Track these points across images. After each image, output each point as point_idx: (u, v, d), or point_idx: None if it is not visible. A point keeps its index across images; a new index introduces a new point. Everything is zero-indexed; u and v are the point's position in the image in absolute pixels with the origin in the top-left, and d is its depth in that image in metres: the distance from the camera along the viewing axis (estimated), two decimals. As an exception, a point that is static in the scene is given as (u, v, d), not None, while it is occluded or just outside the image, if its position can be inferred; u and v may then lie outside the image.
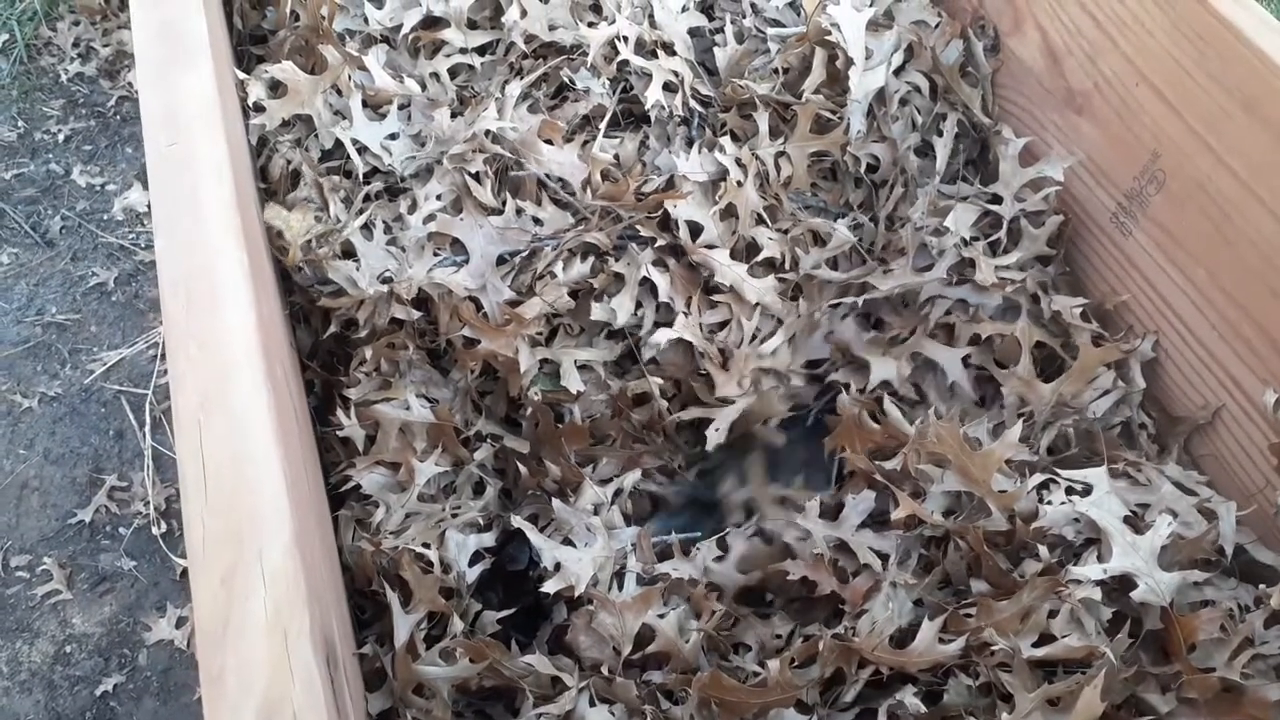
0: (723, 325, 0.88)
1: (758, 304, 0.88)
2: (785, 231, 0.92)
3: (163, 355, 1.67)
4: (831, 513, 0.82)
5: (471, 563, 0.80)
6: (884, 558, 0.78)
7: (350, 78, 0.95)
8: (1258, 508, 0.80)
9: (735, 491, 0.90)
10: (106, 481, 1.53)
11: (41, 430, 1.59)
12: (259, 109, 0.94)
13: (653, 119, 0.97)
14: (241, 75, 0.94)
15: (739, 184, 0.91)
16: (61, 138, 1.96)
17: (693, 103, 0.98)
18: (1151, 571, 0.71)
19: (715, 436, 0.86)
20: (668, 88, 0.97)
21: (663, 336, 0.86)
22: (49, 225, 1.84)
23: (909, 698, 0.71)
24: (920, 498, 0.79)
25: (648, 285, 0.88)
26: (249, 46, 1.08)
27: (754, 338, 0.88)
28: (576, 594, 0.76)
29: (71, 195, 1.88)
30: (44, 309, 1.73)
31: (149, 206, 1.86)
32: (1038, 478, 0.78)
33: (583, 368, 0.87)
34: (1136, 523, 0.75)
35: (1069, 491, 0.76)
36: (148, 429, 1.59)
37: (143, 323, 1.73)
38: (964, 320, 0.90)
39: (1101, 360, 0.88)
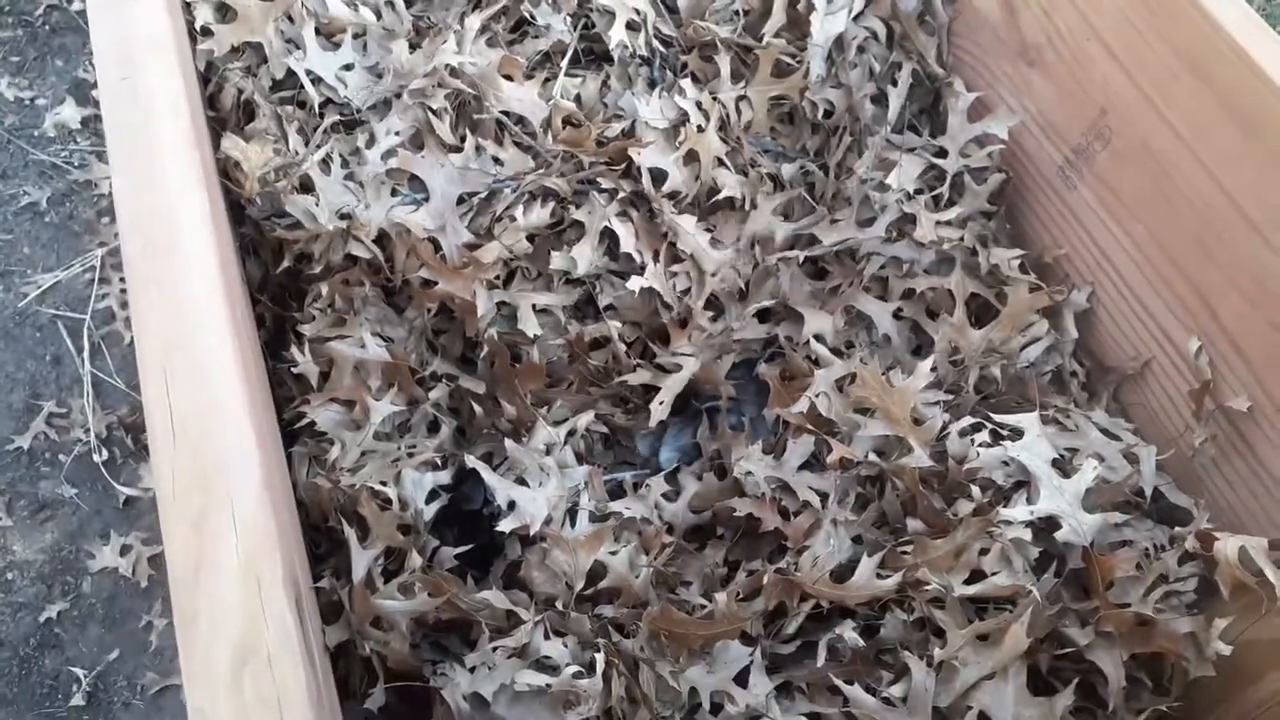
0: (685, 292, 0.89)
1: (715, 273, 0.89)
2: (745, 174, 0.93)
3: (100, 280, 1.63)
4: (775, 453, 0.85)
5: (428, 500, 0.81)
6: (823, 496, 0.81)
7: (303, 4, 0.92)
8: (1176, 452, 0.85)
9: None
10: (44, 408, 1.50)
11: (-26, 354, 1.55)
12: (206, 34, 0.91)
13: (615, 59, 0.96)
14: (188, -3, 0.90)
15: (700, 130, 0.91)
16: (-14, 47, 1.87)
17: (655, 43, 0.98)
18: (1075, 513, 0.76)
19: (659, 411, 0.88)
20: (630, 26, 0.96)
21: (636, 284, 0.87)
22: (-25, 140, 1.76)
23: (848, 631, 0.75)
24: (847, 441, 0.82)
25: (608, 232, 0.88)
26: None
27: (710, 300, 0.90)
28: (531, 533, 0.79)
29: (-1, 109, 1.81)
30: (-28, 228, 1.67)
31: (82, 123, 1.79)
32: (967, 420, 0.81)
33: (541, 311, 0.88)
34: (1064, 466, 0.79)
35: (999, 436, 0.80)
36: (86, 354, 1.56)
37: (78, 245, 1.68)
38: (898, 276, 0.93)
39: (1031, 306, 0.91)
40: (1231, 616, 0.70)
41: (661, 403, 0.87)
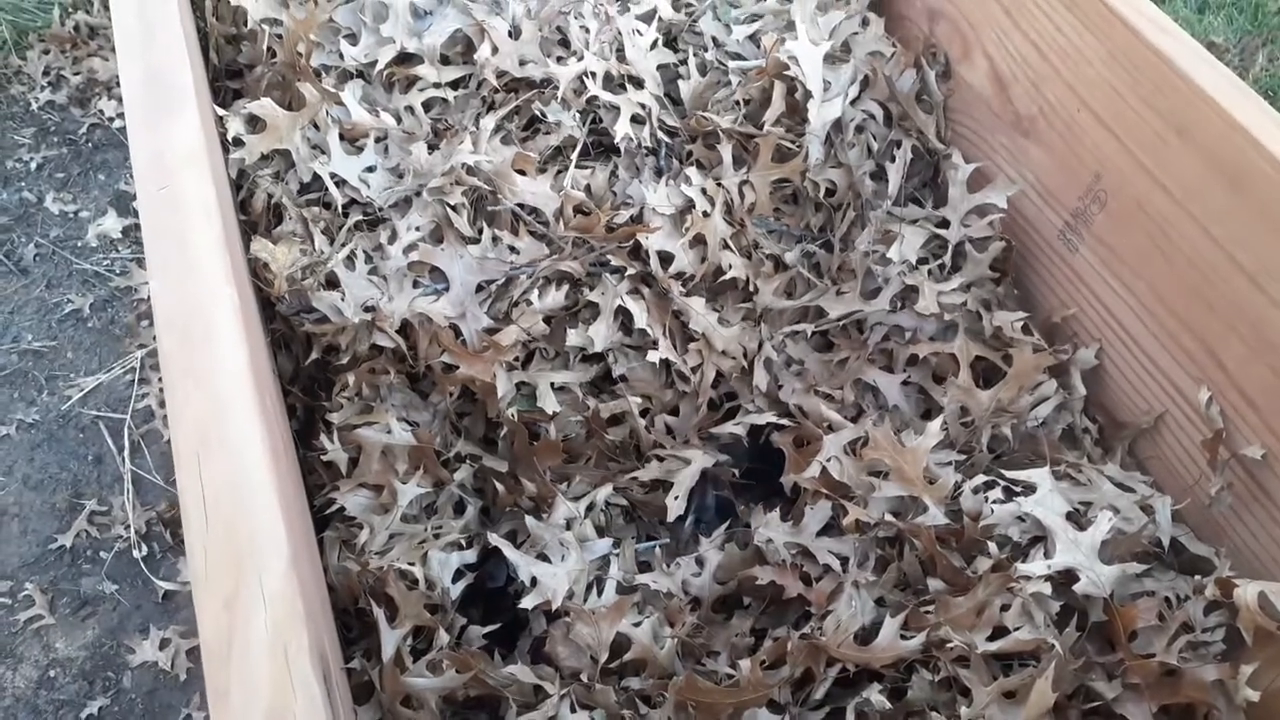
0: (696, 368, 0.93)
1: (724, 350, 0.92)
2: (749, 255, 0.97)
3: (140, 380, 1.68)
4: (793, 520, 0.86)
5: (454, 579, 0.83)
6: (844, 560, 0.82)
7: (327, 113, 0.98)
8: (1197, 503, 0.86)
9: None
10: (86, 506, 1.55)
11: (20, 457, 1.60)
12: (238, 144, 0.97)
13: (622, 150, 1.01)
14: (221, 112, 0.97)
15: (705, 215, 0.95)
16: (34, 166, 1.98)
17: (660, 134, 1.03)
18: (1092, 565, 0.76)
19: (675, 506, 0.89)
20: (635, 120, 1.01)
21: (654, 356, 0.91)
22: (23, 253, 1.85)
23: (875, 695, 0.75)
24: (863, 504, 0.83)
25: (621, 310, 0.92)
26: (225, 81, 1.11)
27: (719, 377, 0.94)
28: (553, 608, 0.80)
29: (45, 223, 1.90)
30: (20, 337, 1.74)
31: (123, 233, 1.88)
32: (981, 478, 0.82)
33: (560, 389, 0.91)
34: (1079, 519, 0.80)
35: (1012, 493, 0.81)
36: (126, 453, 1.61)
37: (119, 348, 1.74)
38: (901, 344, 0.95)
39: (1036, 366, 0.93)
40: (1258, 663, 0.70)
41: (676, 497, 0.89)
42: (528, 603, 0.80)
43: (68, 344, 1.74)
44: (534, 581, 0.81)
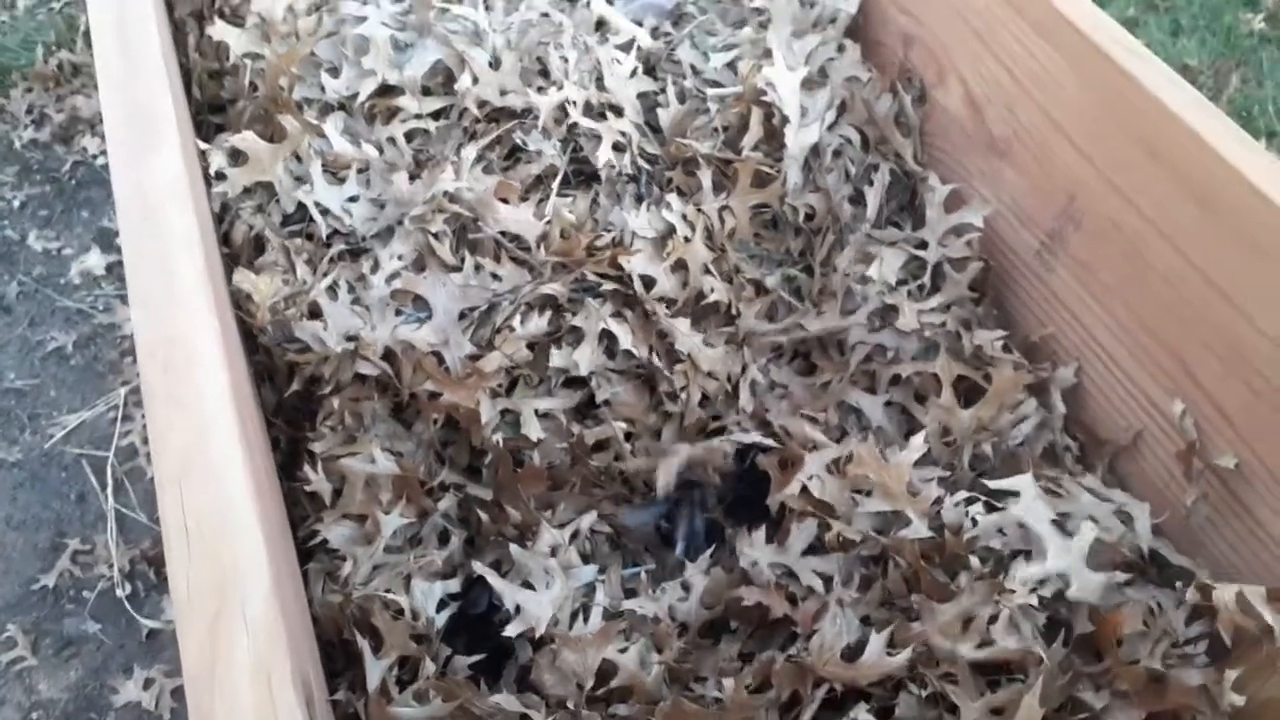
0: (682, 389, 0.93)
1: (710, 372, 0.93)
2: (730, 280, 0.98)
3: (124, 417, 1.68)
4: (778, 540, 0.86)
5: (438, 609, 0.83)
6: (828, 579, 0.82)
7: (309, 145, 0.99)
8: (1177, 518, 0.86)
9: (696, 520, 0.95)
10: (69, 545, 1.53)
11: (2, 497, 1.59)
12: (220, 177, 0.97)
13: (603, 178, 1.02)
14: (203, 146, 0.97)
15: (686, 240, 0.96)
16: (16, 204, 1.98)
17: (640, 161, 1.04)
18: (1082, 571, 0.77)
19: (664, 484, 0.90)
20: (616, 148, 1.02)
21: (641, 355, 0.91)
22: (5, 291, 1.85)
23: (862, 714, 0.75)
24: (848, 521, 0.83)
25: (605, 333, 0.92)
26: (208, 116, 1.12)
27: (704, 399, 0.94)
28: (537, 635, 0.80)
29: (28, 261, 1.90)
30: (2, 375, 1.73)
31: (106, 270, 1.88)
32: (963, 493, 0.83)
33: (543, 416, 0.91)
34: (1062, 528, 0.80)
35: (994, 507, 0.81)
36: (110, 491, 1.60)
37: (102, 385, 1.74)
38: (883, 364, 0.96)
39: (1015, 384, 0.93)
40: (1241, 668, 0.70)
41: (665, 481, 0.90)
42: (512, 630, 0.80)
43: (50, 382, 1.73)
44: (519, 609, 0.81)
